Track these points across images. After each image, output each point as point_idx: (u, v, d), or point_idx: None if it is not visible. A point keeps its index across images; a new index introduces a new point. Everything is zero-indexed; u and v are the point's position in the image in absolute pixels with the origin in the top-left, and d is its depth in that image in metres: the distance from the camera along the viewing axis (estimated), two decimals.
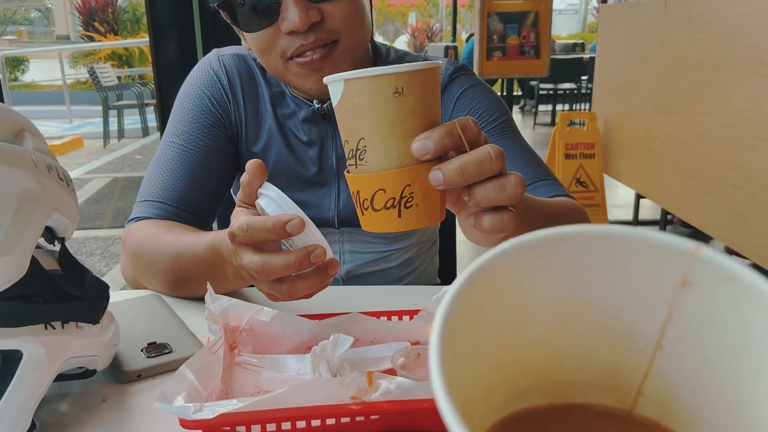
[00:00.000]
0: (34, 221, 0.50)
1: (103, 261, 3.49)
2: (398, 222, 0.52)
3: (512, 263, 0.26)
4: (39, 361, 0.51)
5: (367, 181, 0.52)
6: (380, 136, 0.51)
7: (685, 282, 0.27)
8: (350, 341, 0.59)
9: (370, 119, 0.51)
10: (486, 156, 0.50)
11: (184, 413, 0.49)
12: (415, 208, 0.51)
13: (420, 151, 0.50)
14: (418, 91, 0.51)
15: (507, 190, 0.51)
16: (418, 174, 0.51)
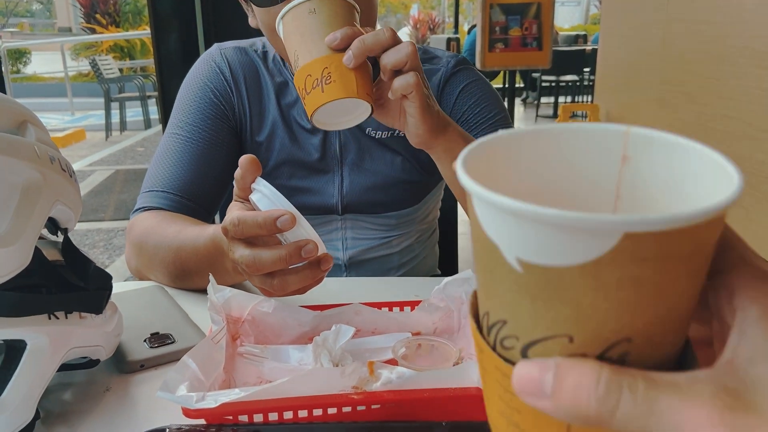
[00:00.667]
0: (37, 212, 0.50)
1: (106, 253, 3.50)
2: (322, 96, 0.66)
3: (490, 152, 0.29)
4: (43, 351, 0.52)
5: (300, 72, 0.68)
6: (304, 45, 0.68)
7: (625, 158, 0.30)
8: (352, 332, 0.59)
9: (297, 36, 0.69)
10: (380, 31, 0.67)
11: (186, 402, 0.49)
12: (333, 83, 0.65)
13: (329, 40, 0.66)
14: (327, 9, 0.68)
15: (402, 50, 0.66)
16: (333, 59, 0.66)
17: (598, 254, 0.23)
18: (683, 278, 0.25)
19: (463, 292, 0.67)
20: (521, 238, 0.24)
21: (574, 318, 0.25)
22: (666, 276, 0.24)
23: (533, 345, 0.26)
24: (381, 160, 0.99)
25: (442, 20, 19.51)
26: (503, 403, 0.28)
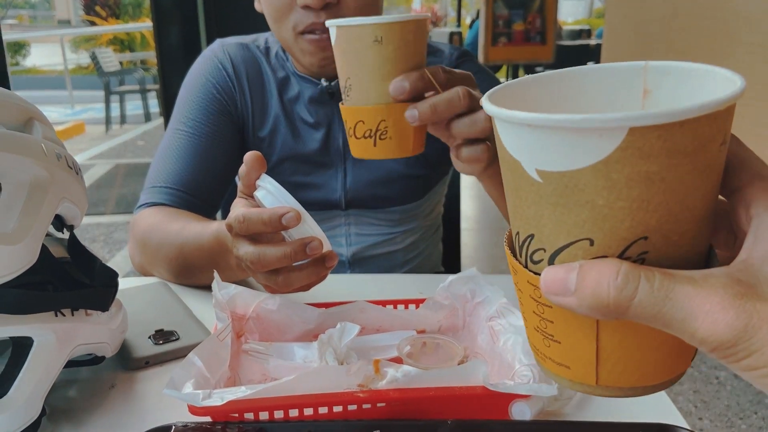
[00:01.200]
0: (44, 210, 0.50)
1: (106, 247, 3.50)
2: (374, 150, 0.61)
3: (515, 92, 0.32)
4: (49, 348, 0.52)
5: (350, 112, 0.61)
6: (361, 77, 0.59)
7: (646, 91, 0.32)
8: (357, 330, 0.59)
9: (354, 62, 0.59)
10: (455, 95, 0.58)
11: (193, 400, 0.49)
12: (388, 140, 0.60)
13: (395, 91, 0.58)
14: (397, 40, 0.57)
15: (478, 124, 0.59)
16: (393, 112, 0.59)
17: (607, 153, 0.25)
18: (691, 175, 0.26)
19: (467, 290, 0.67)
20: (537, 149, 0.27)
21: (591, 220, 0.27)
22: (673, 172, 0.26)
23: (559, 253, 0.29)
24: None
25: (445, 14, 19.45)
26: (537, 317, 0.31)
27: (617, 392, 0.31)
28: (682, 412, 0.57)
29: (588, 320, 0.29)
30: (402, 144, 0.60)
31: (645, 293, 0.26)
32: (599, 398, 0.60)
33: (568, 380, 0.32)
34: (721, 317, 0.25)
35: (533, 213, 0.29)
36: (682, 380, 2.10)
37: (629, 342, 0.29)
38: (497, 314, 0.62)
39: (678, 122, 0.24)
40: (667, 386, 0.31)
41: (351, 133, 0.62)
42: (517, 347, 0.56)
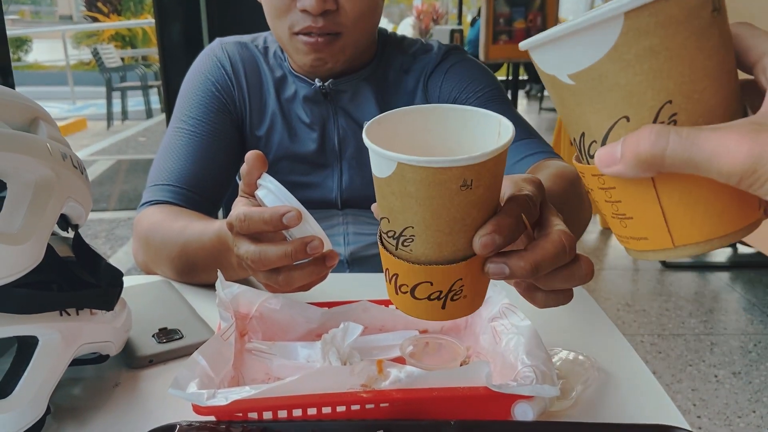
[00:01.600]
0: (50, 209, 0.50)
1: (108, 244, 3.51)
2: (441, 313, 0.45)
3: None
4: (54, 347, 0.52)
5: (410, 270, 0.44)
6: (435, 230, 0.42)
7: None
8: (360, 330, 0.60)
9: (427, 213, 0.41)
10: (561, 250, 0.44)
11: (197, 400, 0.49)
12: (462, 300, 0.45)
13: (485, 249, 0.42)
14: (488, 180, 0.41)
15: (574, 280, 0.45)
16: (472, 268, 0.44)
17: (614, 40, 0.32)
18: (690, 39, 0.32)
19: None
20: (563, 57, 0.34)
21: (621, 99, 0.33)
22: (672, 40, 0.31)
23: (606, 138, 0.35)
24: None
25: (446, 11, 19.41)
26: (609, 204, 0.38)
27: (695, 248, 0.35)
28: (680, 410, 0.58)
29: (646, 187, 0.35)
30: (475, 301, 0.47)
31: (675, 143, 0.31)
32: (601, 399, 0.60)
33: (651, 251, 0.37)
34: (739, 149, 0.30)
35: (578, 114, 0.36)
36: (681, 378, 2.10)
37: (688, 197, 0.34)
38: (500, 314, 0.63)
39: None
40: (741, 235, 0.35)
41: (405, 290, 0.45)
42: (519, 348, 0.56)
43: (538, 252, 0.43)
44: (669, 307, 2.64)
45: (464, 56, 1.01)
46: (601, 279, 2.97)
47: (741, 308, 2.64)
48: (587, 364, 0.63)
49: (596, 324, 0.76)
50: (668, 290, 2.81)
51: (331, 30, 0.85)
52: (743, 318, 2.55)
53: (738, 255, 3.24)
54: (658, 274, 2.99)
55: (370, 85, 0.98)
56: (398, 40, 1.03)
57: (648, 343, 2.35)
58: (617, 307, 2.65)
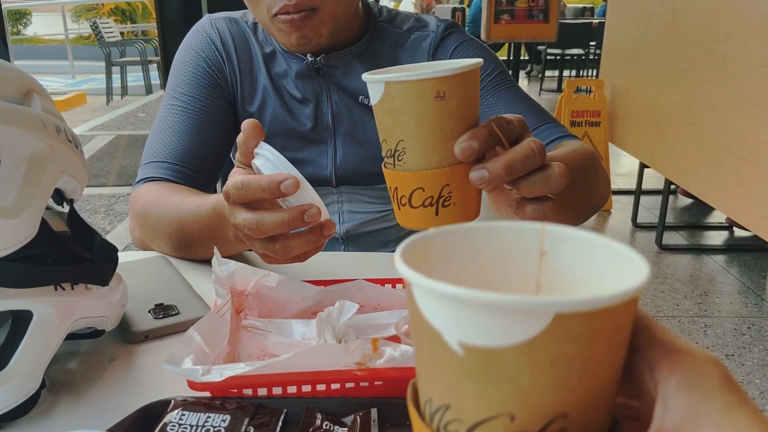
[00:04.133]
0: (44, 183, 0.50)
1: (107, 219, 3.51)
2: (435, 219, 0.52)
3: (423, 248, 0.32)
4: (49, 321, 0.52)
5: (406, 179, 0.52)
6: (420, 139, 0.51)
7: (542, 252, 0.34)
8: (355, 308, 0.60)
9: (411, 123, 0.50)
10: (530, 151, 0.51)
11: (192, 375, 0.50)
12: (452, 206, 0.52)
13: (464, 153, 0.50)
14: (461, 94, 0.50)
15: (551, 182, 0.53)
16: (458, 174, 0.51)
17: (534, 334, 0.25)
18: (609, 354, 0.27)
19: None
20: (462, 323, 0.26)
21: (514, 396, 0.27)
22: (594, 352, 0.27)
23: (477, 427, 0.27)
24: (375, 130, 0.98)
25: None
26: None
27: None
28: None
29: None
30: (466, 209, 0.53)
31: None
32: None
33: None
34: None
35: (452, 383, 0.28)
36: None
37: None
38: None
39: (600, 309, 0.25)
40: None
41: (404, 202, 0.53)
42: None
43: (509, 155, 0.51)
44: (664, 289, 2.65)
45: (467, 36, 1.01)
46: None
47: (736, 291, 2.65)
48: None
49: None
50: (664, 272, 2.82)
51: (306, 6, 0.85)
52: (738, 301, 2.56)
53: (734, 238, 3.25)
54: (654, 257, 3.00)
55: (363, 60, 0.97)
56: (391, 15, 1.02)
57: None
58: None
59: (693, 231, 3.34)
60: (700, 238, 3.27)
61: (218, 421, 0.49)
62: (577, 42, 7.62)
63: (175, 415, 0.49)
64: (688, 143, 2.52)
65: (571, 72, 8.33)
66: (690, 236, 3.26)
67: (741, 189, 2.13)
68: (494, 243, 0.34)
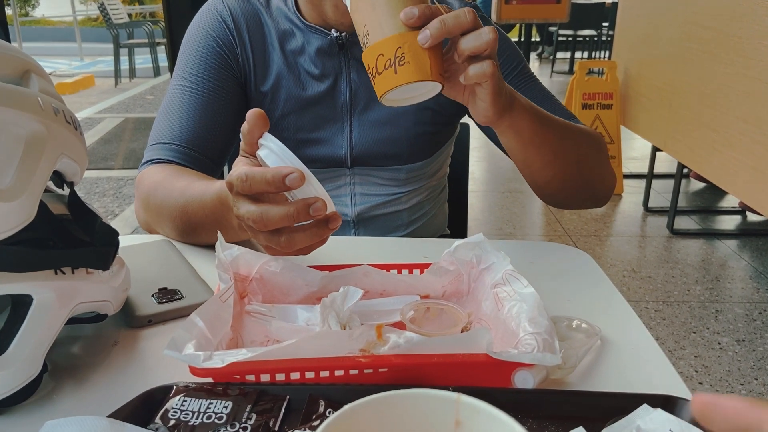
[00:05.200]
0: (42, 165, 0.49)
1: (116, 202, 3.51)
2: (395, 78, 0.62)
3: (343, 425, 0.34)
4: (49, 306, 0.51)
5: (371, 51, 0.64)
6: (375, 18, 0.63)
7: (458, 422, 0.36)
8: (360, 293, 0.59)
9: (367, 8, 0.64)
10: (461, 12, 0.62)
11: (194, 361, 0.49)
12: (407, 65, 0.62)
13: (406, 16, 0.62)
14: None
15: (482, 36, 0.62)
16: (407, 38, 0.62)
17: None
18: None
19: (473, 256, 0.66)
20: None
21: None
22: None
23: None
24: (392, 109, 0.97)
25: None
26: None
27: None
28: (682, 377, 0.57)
29: None
30: (420, 67, 0.62)
31: None
32: (603, 368, 0.59)
33: None
34: None
35: None
36: (684, 345, 2.10)
37: None
38: (503, 281, 0.61)
39: None
40: None
41: (374, 72, 0.64)
42: (521, 315, 0.55)
43: (445, 15, 0.62)
44: (675, 274, 2.63)
45: (488, 22, 1.00)
46: (608, 245, 2.95)
47: (747, 276, 2.62)
48: (590, 332, 0.62)
49: (600, 291, 0.75)
50: (675, 257, 2.80)
51: None
52: (749, 286, 2.54)
53: (746, 223, 3.21)
54: (665, 241, 2.97)
55: None
56: None
57: (653, 310, 2.35)
58: (623, 274, 2.64)
59: (705, 215, 3.31)
60: (712, 222, 3.24)
61: (220, 407, 0.49)
62: (590, 23, 7.51)
63: (177, 401, 0.49)
64: (701, 126, 2.48)
65: (583, 53, 8.23)
66: (702, 221, 3.23)
67: (756, 173, 2.10)
68: (411, 411, 0.36)
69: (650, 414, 0.48)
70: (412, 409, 0.36)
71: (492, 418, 0.35)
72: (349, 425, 0.35)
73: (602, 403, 0.51)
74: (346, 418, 0.35)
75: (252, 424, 0.47)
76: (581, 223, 3.21)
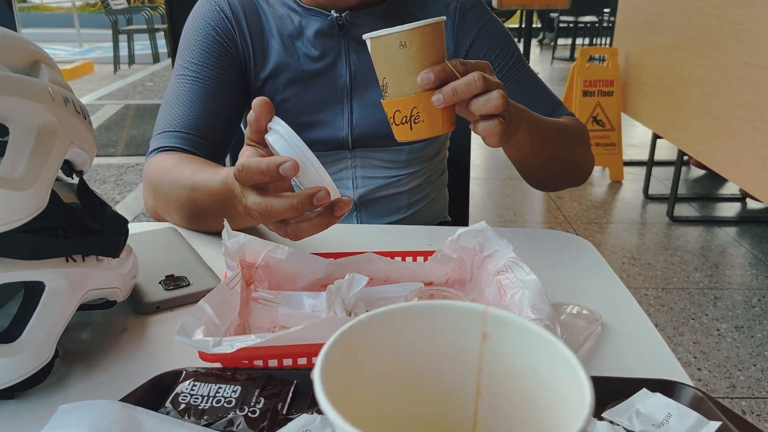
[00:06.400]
0: (53, 155, 0.50)
1: (117, 189, 3.52)
2: (411, 133, 0.71)
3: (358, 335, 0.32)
4: (61, 293, 0.52)
5: (389, 105, 0.71)
6: (394, 75, 0.70)
7: (485, 335, 0.33)
8: (365, 281, 0.60)
9: (386, 64, 0.70)
10: (472, 79, 0.67)
11: (203, 347, 0.50)
12: (421, 123, 0.70)
13: (422, 82, 0.67)
14: (418, 42, 0.67)
15: (492, 102, 0.67)
16: (422, 99, 0.69)
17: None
18: None
19: (476, 244, 0.67)
20: None
21: None
22: None
23: None
24: None
25: None
26: None
27: None
28: (681, 363, 0.58)
29: None
30: (433, 124, 0.70)
31: None
32: (603, 353, 0.60)
33: None
34: None
35: None
36: (683, 331, 2.12)
37: None
38: (505, 268, 0.62)
39: None
40: None
41: (392, 121, 0.72)
42: (524, 301, 0.56)
43: (457, 81, 0.68)
44: (675, 261, 2.64)
45: (490, 13, 1.03)
46: (608, 232, 2.96)
47: (747, 263, 2.64)
48: (590, 318, 0.63)
49: (600, 278, 0.76)
50: (675, 244, 2.81)
51: None
52: (748, 273, 2.55)
53: (746, 210, 3.22)
54: (665, 228, 2.98)
55: (386, 21, 0.97)
56: None
57: (652, 297, 2.36)
58: (623, 261, 2.65)
59: (705, 202, 3.31)
60: (712, 209, 3.24)
61: (229, 391, 0.50)
62: (591, 9, 7.46)
63: (187, 386, 0.50)
64: (702, 113, 2.49)
65: (584, 40, 8.19)
66: (702, 208, 3.24)
67: (756, 160, 2.10)
68: (434, 324, 0.34)
69: (649, 398, 0.49)
70: (436, 322, 0.34)
71: (523, 330, 0.32)
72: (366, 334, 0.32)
73: (602, 388, 0.52)
74: (364, 326, 0.32)
75: (260, 408, 0.48)
76: (581, 210, 3.22)
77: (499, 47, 1.00)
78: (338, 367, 0.29)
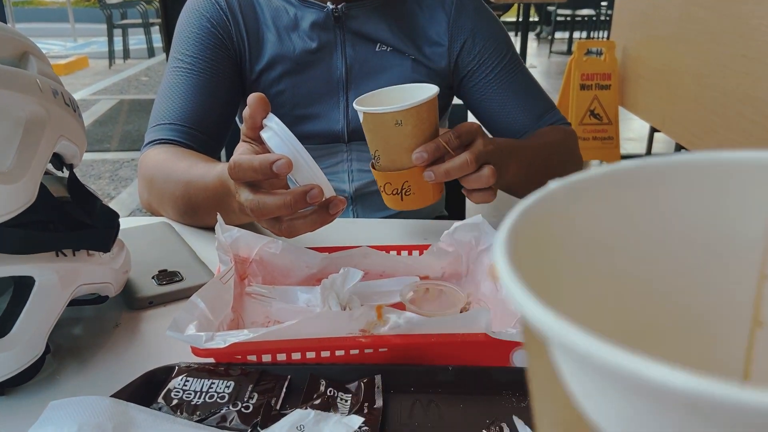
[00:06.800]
0: (42, 147, 0.49)
1: (112, 184, 3.50)
2: (401, 204, 0.74)
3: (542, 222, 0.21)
4: (51, 288, 0.52)
5: (381, 176, 0.73)
6: (387, 150, 0.71)
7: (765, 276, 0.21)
8: (360, 275, 0.59)
9: (380, 140, 0.71)
10: (464, 162, 0.71)
11: (196, 342, 0.49)
12: (412, 195, 0.73)
13: (417, 161, 0.70)
14: (414, 120, 0.69)
15: (483, 180, 0.72)
16: (414, 174, 0.72)
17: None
18: None
19: (472, 238, 0.66)
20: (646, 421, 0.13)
21: None
22: None
23: None
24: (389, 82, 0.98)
25: None
26: None
27: None
28: None
29: None
30: (423, 196, 0.74)
31: None
32: None
33: None
34: None
35: None
36: None
37: None
38: None
39: None
40: None
41: (382, 189, 0.75)
42: None
43: (448, 163, 0.71)
44: None
45: (485, 7, 1.02)
46: None
47: None
48: None
49: None
50: None
51: None
52: None
53: None
54: None
55: (382, 13, 0.96)
56: None
57: None
58: None
59: None
60: None
61: (222, 387, 0.49)
62: (588, 2, 7.45)
63: (180, 381, 0.49)
64: (699, 107, 2.48)
65: (581, 33, 8.17)
66: None
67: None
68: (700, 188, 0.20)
69: None
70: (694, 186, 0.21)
71: None
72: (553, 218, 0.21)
73: None
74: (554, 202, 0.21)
75: (254, 404, 0.48)
76: None
77: (492, 46, 0.99)
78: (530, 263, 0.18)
